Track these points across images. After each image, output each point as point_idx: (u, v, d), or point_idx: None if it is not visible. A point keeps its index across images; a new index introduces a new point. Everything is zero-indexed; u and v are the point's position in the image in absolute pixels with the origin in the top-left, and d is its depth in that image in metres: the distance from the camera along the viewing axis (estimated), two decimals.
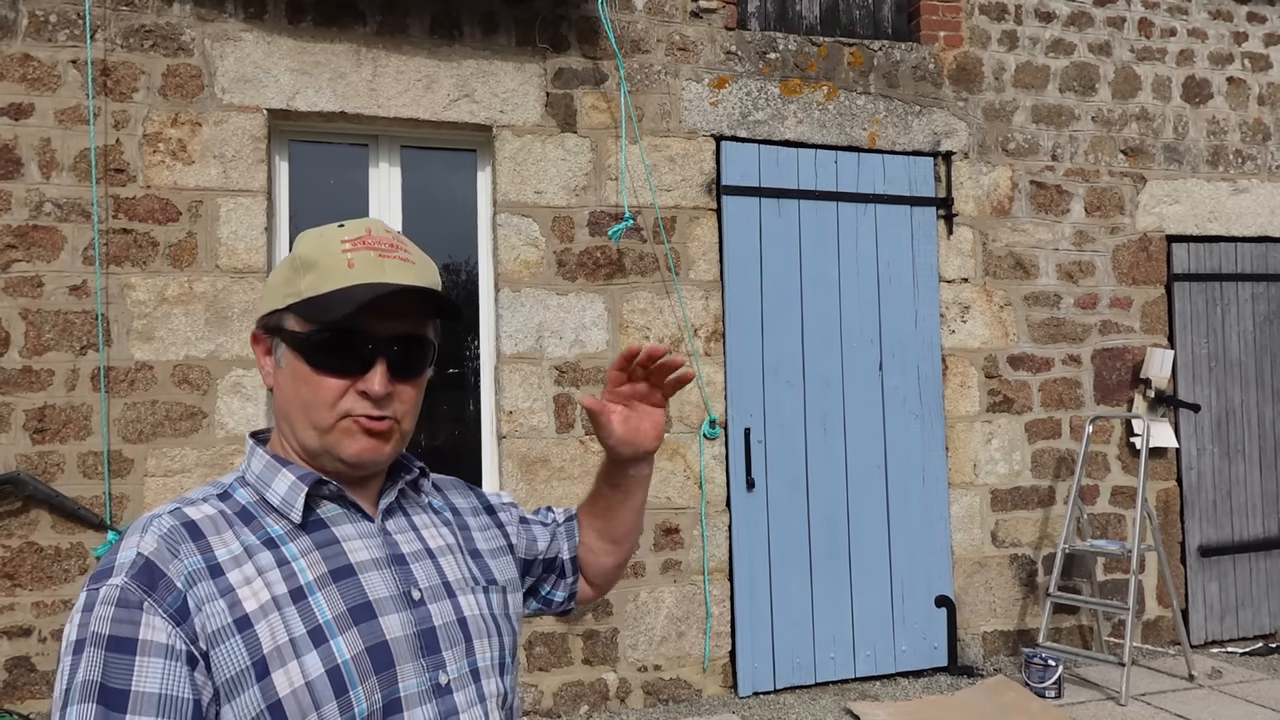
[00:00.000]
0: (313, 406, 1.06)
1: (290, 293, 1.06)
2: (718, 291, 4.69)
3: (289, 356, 1.07)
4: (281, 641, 0.97)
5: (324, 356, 1.05)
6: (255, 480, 1.08)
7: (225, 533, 1.02)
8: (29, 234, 3.86)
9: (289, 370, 1.07)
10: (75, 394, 3.88)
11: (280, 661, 0.96)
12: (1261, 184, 5.63)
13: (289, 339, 1.07)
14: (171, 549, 0.98)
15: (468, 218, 4.60)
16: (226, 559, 1.00)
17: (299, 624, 0.98)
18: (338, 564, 1.04)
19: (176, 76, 4.05)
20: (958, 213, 5.06)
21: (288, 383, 1.08)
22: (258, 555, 1.01)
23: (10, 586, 3.79)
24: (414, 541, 1.13)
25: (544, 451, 4.40)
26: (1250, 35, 5.67)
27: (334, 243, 1.07)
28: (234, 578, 0.98)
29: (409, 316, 1.09)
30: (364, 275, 1.04)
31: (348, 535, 1.08)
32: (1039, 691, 4.44)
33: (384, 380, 1.05)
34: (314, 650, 0.97)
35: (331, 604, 1.01)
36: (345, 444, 1.06)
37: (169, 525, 1.01)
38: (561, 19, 4.53)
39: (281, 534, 1.04)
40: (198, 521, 1.02)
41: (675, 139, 4.66)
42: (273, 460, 1.09)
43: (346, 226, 1.10)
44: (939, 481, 4.98)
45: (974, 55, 5.16)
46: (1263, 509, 5.56)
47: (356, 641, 1.00)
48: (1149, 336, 5.38)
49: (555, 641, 4.37)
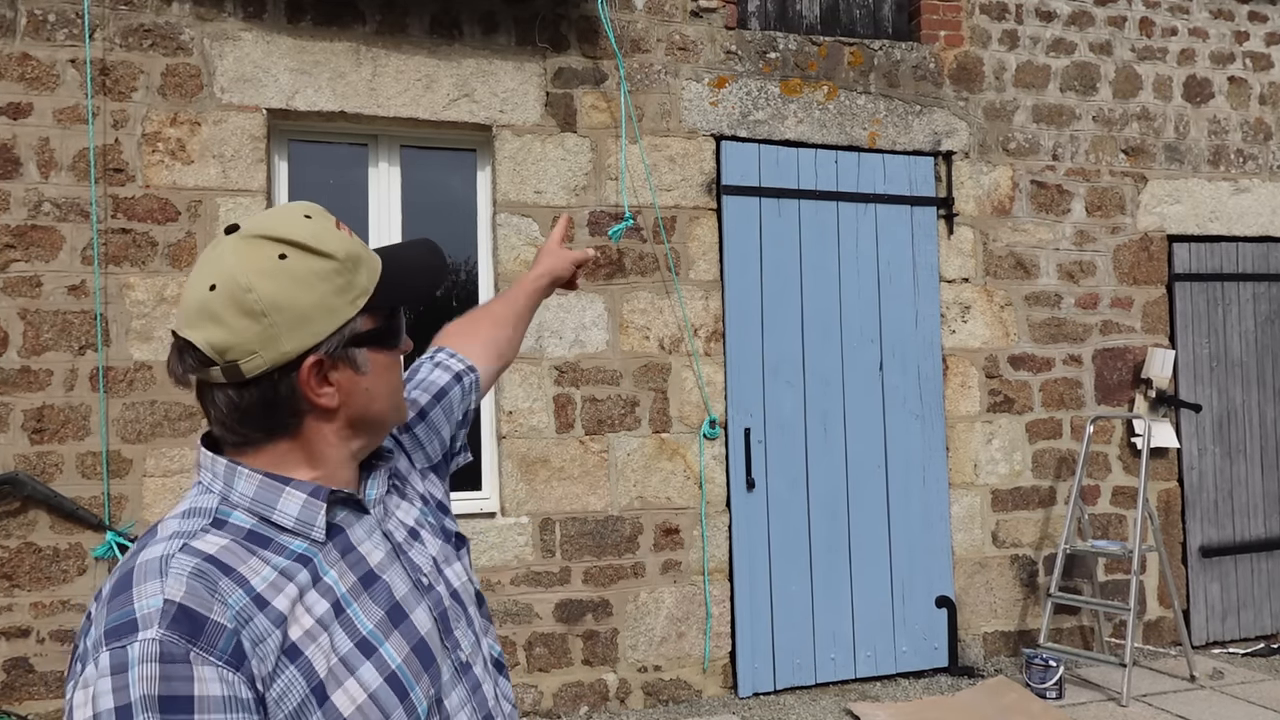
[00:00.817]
0: (399, 388, 1.08)
1: (357, 295, 1.00)
2: (718, 291, 4.68)
3: (374, 357, 1.03)
4: (334, 662, 0.93)
5: (398, 334, 1.07)
6: (249, 503, 0.98)
7: (251, 560, 0.93)
8: (27, 234, 3.86)
9: (377, 370, 1.04)
10: (74, 394, 3.87)
11: (337, 682, 0.92)
12: (1263, 184, 5.62)
13: (370, 339, 1.02)
14: (208, 588, 0.88)
15: (467, 218, 4.59)
16: (265, 587, 0.92)
17: (345, 639, 0.95)
18: (362, 570, 1.02)
19: (175, 76, 4.04)
20: (958, 212, 5.06)
21: (378, 381, 1.04)
22: (297, 576, 0.95)
23: (9, 587, 3.78)
24: (400, 527, 1.11)
25: (544, 451, 4.39)
26: (1251, 34, 5.66)
27: (333, 229, 1.01)
28: (280, 605, 0.92)
29: None
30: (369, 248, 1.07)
31: (360, 537, 1.04)
32: (1040, 692, 4.43)
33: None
34: (367, 661, 0.95)
35: (369, 612, 0.99)
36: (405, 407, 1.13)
37: (193, 563, 0.89)
38: (561, 18, 4.52)
39: (306, 550, 0.98)
40: (217, 554, 0.92)
41: (675, 139, 4.65)
42: (267, 479, 0.98)
43: (314, 216, 1.02)
44: (939, 481, 4.97)
45: (974, 55, 5.15)
46: (1264, 509, 5.55)
47: (401, 644, 0.99)
48: (1150, 336, 5.37)
49: (555, 642, 4.36)
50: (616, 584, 4.45)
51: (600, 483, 4.46)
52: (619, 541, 4.46)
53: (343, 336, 0.99)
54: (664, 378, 4.56)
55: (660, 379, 4.56)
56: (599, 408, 4.47)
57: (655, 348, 4.57)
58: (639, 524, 4.50)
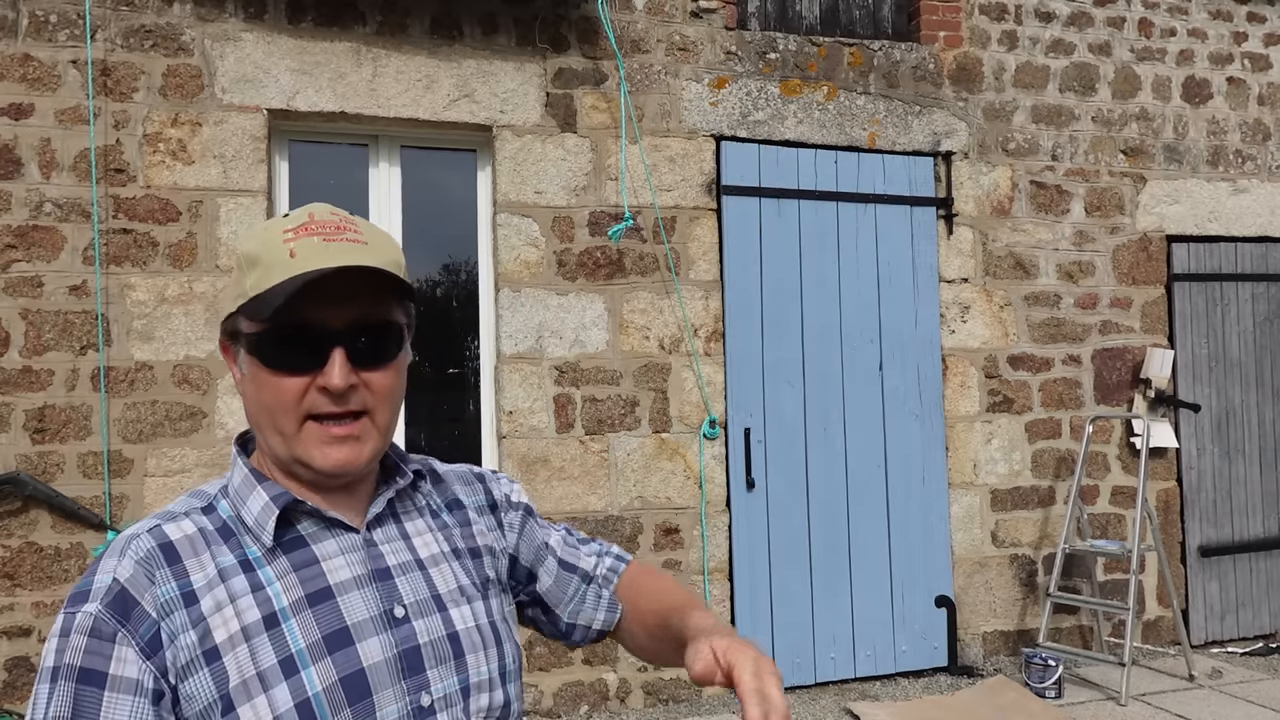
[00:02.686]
0: (276, 411, 0.99)
1: (239, 293, 1.01)
2: (718, 291, 4.69)
3: (247, 361, 1.01)
4: (249, 675, 0.92)
5: (276, 354, 0.98)
6: (234, 495, 1.03)
7: (203, 554, 0.97)
8: (29, 234, 3.86)
9: (250, 375, 1.01)
10: (75, 394, 3.88)
11: (247, 696, 0.91)
12: (1261, 184, 5.63)
13: (245, 342, 1.01)
14: (148, 574, 0.94)
15: (468, 218, 4.60)
16: (201, 585, 0.95)
17: (269, 654, 0.94)
18: (315, 586, 0.99)
19: (176, 76, 4.05)
20: (958, 213, 5.07)
21: (250, 389, 1.02)
22: (231, 580, 0.96)
23: (10, 586, 3.79)
24: (402, 552, 1.07)
25: (544, 451, 4.40)
26: (1250, 35, 5.67)
27: (276, 235, 1.00)
28: (206, 605, 0.94)
29: (363, 300, 1.00)
30: (307, 263, 0.96)
31: (328, 553, 1.02)
32: (1039, 691, 4.44)
33: (344, 371, 0.97)
34: (284, 682, 0.93)
35: (306, 631, 0.96)
36: (315, 455, 0.99)
37: (146, 548, 0.96)
38: (561, 19, 4.53)
39: (259, 556, 0.99)
40: (175, 542, 0.97)
41: (675, 139, 4.66)
42: (249, 475, 1.03)
43: (290, 216, 1.03)
44: (939, 481, 4.98)
45: (974, 55, 5.16)
46: (1263, 509, 5.56)
47: (329, 672, 0.95)
48: (1149, 336, 5.38)
49: (555, 641, 4.36)
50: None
51: (600, 482, 4.46)
52: (619, 541, 4.46)
53: (228, 326, 1.04)
54: (664, 378, 4.57)
55: (660, 379, 4.57)
56: (599, 408, 4.48)
57: (655, 348, 4.57)
58: (639, 524, 4.51)
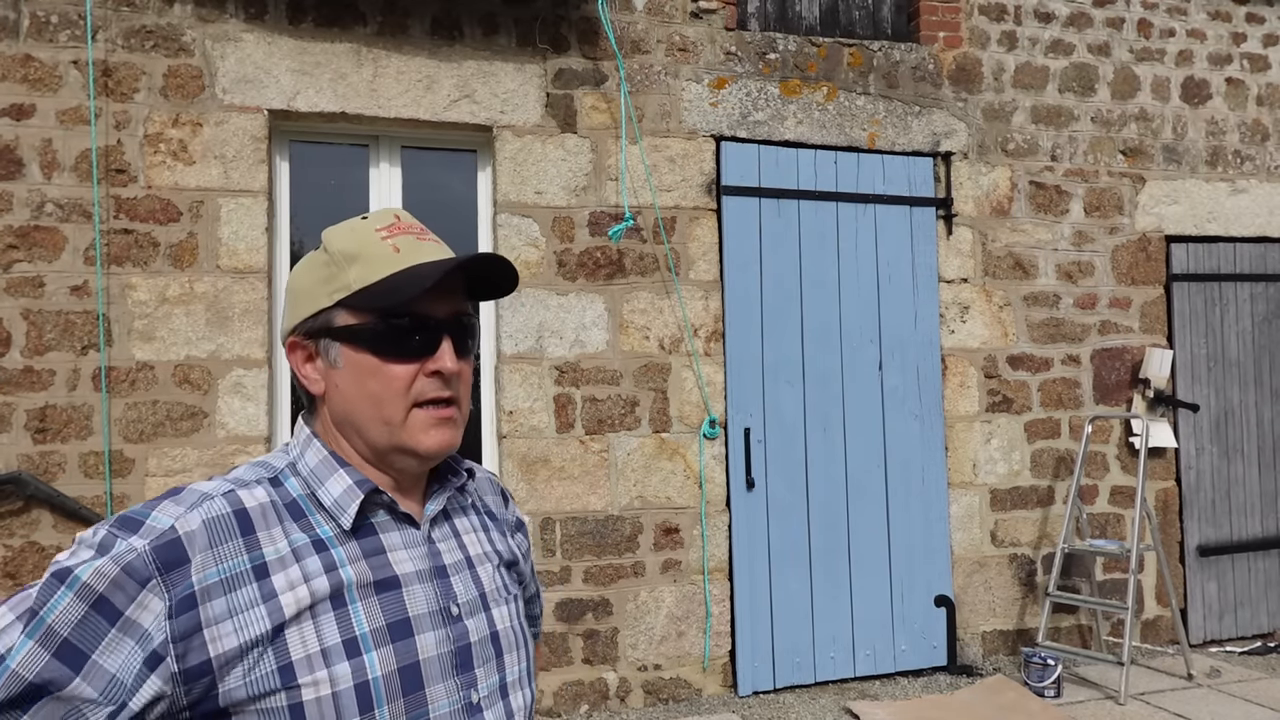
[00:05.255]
0: (385, 399, 1.02)
1: (337, 288, 1.03)
2: (717, 291, 4.70)
3: (349, 353, 1.03)
4: (313, 650, 0.94)
5: (392, 343, 1.02)
6: (308, 474, 1.04)
7: (275, 528, 0.98)
8: (30, 234, 3.87)
9: (351, 368, 1.03)
10: (76, 394, 3.89)
11: (309, 669, 0.93)
12: (1260, 184, 5.64)
13: (346, 335, 1.03)
14: (213, 539, 0.93)
15: (468, 218, 4.60)
16: (273, 559, 0.96)
17: (334, 632, 0.96)
18: (383, 575, 1.02)
19: (177, 77, 4.06)
20: (957, 213, 5.07)
21: (350, 381, 1.04)
22: (306, 559, 0.98)
23: (12, 586, 3.80)
24: (455, 550, 1.11)
25: (544, 451, 4.41)
26: (1249, 36, 5.68)
27: (369, 232, 1.05)
28: (279, 582, 0.95)
29: (457, 296, 1.08)
30: (412, 258, 1.03)
31: (394, 545, 1.05)
32: (1038, 691, 4.45)
33: (454, 356, 1.04)
34: (346, 661, 0.95)
35: (371, 617, 0.98)
36: (421, 438, 1.04)
37: (219, 511, 0.95)
38: (561, 19, 4.54)
39: (331, 536, 1.01)
40: (249, 509, 0.98)
41: (675, 139, 4.66)
42: (330, 457, 1.05)
43: (371, 217, 1.08)
44: (938, 481, 4.99)
45: (973, 56, 5.17)
46: (1261, 509, 5.57)
47: (390, 660, 0.98)
48: (1148, 336, 5.39)
49: (555, 641, 4.38)
50: (616, 583, 4.47)
51: (600, 482, 4.47)
52: (619, 541, 4.47)
53: (316, 324, 1.04)
54: (664, 378, 4.58)
55: (660, 379, 4.58)
56: (599, 407, 4.49)
57: (655, 348, 4.58)
58: (639, 523, 4.51)
